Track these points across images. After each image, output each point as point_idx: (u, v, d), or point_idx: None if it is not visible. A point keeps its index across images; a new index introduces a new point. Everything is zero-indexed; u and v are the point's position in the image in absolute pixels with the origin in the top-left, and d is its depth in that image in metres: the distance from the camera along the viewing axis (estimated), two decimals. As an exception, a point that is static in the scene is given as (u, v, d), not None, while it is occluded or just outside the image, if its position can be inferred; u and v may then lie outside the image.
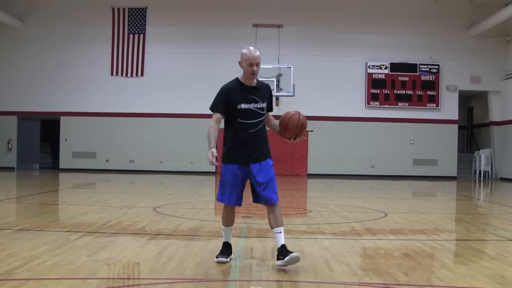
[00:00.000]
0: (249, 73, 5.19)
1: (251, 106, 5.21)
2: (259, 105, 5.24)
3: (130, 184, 18.21)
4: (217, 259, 5.39)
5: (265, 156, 5.31)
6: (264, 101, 5.28)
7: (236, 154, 5.26)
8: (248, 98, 5.21)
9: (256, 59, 5.18)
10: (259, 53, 5.24)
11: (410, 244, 6.91)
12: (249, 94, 5.22)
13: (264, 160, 5.30)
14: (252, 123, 5.23)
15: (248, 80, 5.27)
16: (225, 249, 5.47)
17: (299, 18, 24.46)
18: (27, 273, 4.82)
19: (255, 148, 5.25)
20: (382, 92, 24.51)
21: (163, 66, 24.53)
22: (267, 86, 5.43)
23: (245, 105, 5.19)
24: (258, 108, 5.24)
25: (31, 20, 24.86)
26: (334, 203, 12.33)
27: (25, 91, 24.62)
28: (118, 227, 7.75)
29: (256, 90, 5.27)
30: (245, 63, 5.18)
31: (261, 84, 5.37)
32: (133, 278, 5.02)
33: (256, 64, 5.17)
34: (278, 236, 5.21)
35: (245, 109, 5.20)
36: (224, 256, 5.40)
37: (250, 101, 5.21)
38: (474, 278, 4.98)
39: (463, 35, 24.62)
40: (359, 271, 5.29)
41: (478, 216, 10.76)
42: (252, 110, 5.21)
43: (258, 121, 5.25)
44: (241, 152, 5.24)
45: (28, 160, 25.18)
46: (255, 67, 5.17)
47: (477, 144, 26.67)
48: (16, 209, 10.25)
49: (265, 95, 5.31)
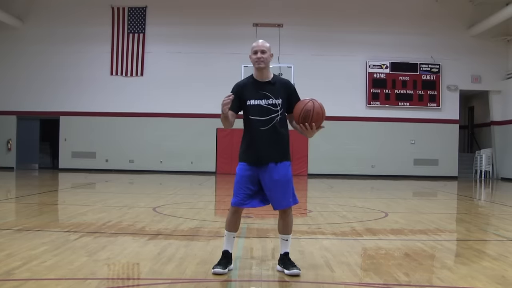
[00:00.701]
0: (254, 61, 5.01)
1: (262, 102, 4.95)
2: (272, 101, 4.96)
3: (130, 184, 18.20)
4: (214, 270, 4.98)
5: (280, 157, 4.98)
6: (279, 97, 4.97)
7: (247, 152, 5.00)
8: (259, 93, 4.97)
9: (259, 46, 5.01)
10: (267, 44, 5.05)
11: (411, 244, 6.91)
12: (261, 89, 4.98)
13: (279, 162, 4.98)
14: (263, 120, 4.94)
15: (258, 73, 5.05)
16: (224, 259, 5.06)
17: (300, 18, 24.45)
18: (27, 274, 4.82)
19: (268, 147, 4.94)
20: (383, 92, 24.51)
21: (163, 65, 24.53)
22: (286, 83, 5.13)
23: (255, 101, 4.96)
24: (270, 105, 4.96)
25: (30, 20, 24.86)
26: (334, 203, 12.33)
27: (24, 91, 24.63)
28: (117, 227, 7.75)
29: (270, 85, 5.02)
30: (251, 53, 5.04)
31: (277, 79, 5.12)
32: (132, 278, 5.01)
33: (261, 51, 4.97)
34: (283, 243, 5.11)
35: (255, 105, 4.96)
36: (221, 267, 4.98)
37: (261, 97, 4.96)
38: (475, 279, 4.98)
39: (464, 34, 24.62)
40: (360, 272, 5.29)
41: (479, 216, 10.75)
42: (263, 107, 4.95)
43: (271, 118, 4.95)
44: (251, 150, 4.97)
45: (28, 160, 25.19)
46: (259, 54, 4.97)
47: (478, 144, 26.67)
48: (16, 209, 10.25)
49: (281, 92, 5.01)
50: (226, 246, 5.10)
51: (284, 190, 4.95)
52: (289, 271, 4.93)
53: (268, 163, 4.94)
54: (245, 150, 5.02)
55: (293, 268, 4.95)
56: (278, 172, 4.94)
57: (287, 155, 5.03)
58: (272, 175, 4.93)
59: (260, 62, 4.97)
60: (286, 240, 5.08)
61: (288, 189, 4.97)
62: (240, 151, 5.08)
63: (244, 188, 4.96)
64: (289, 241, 5.09)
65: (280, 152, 4.99)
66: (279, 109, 4.96)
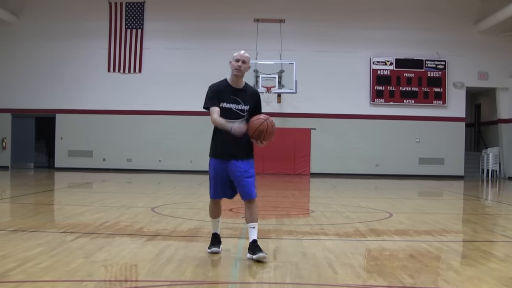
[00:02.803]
0: (234, 67, 5.68)
1: (232, 106, 5.67)
2: (241, 107, 5.70)
3: (128, 184, 18.22)
4: (210, 249, 5.94)
5: (245, 155, 5.75)
6: (247, 104, 5.71)
7: (218, 149, 5.78)
8: (231, 98, 5.66)
9: (241, 56, 5.70)
10: (247, 55, 5.77)
11: (416, 245, 6.91)
12: (233, 95, 5.67)
13: (244, 159, 5.74)
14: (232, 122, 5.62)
15: (234, 80, 5.75)
16: (215, 240, 6.03)
17: (302, 13, 24.43)
18: (22, 275, 4.83)
19: (236, 145, 5.67)
20: (387, 89, 24.49)
21: (162, 62, 24.52)
22: (255, 93, 5.93)
23: (227, 104, 5.66)
24: (239, 110, 5.69)
25: (25, 15, 24.85)
26: (337, 203, 12.34)
27: (19, 88, 24.62)
28: (115, 228, 7.76)
29: (241, 92, 5.74)
30: (234, 59, 5.71)
31: (249, 88, 5.90)
32: (130, 280, 5.02)
33: (242, 61, 5.67)
34: (251, 231, 5.71)
35: (226, 108, 5.66)
36: (216, 246, 5.96)
37: (233, 102, 5.68)
38: (482, 280, 4.98)
39: (471, 30, 24.59)
40: (364, 273, 5.29)
41: (486, 217, 10.76)
42: (232, 110, 5.67)
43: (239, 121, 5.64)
44: (222, 147, 5.74)
45: (23, 159, 25.19)
46: (240, 62, 5.66)
47: (484, 143, 26.65)
48: (10, 210, 10.26)
49: (250, 99, 5.76)
50: (214, 229, 6.11)
51: (250, 183, 5.71)
52: (256, 255, 5.51)
53: (235, 160, 5.71)
54: (215, 147, 5.81)
55: (259, 252, 5.54)
56: (242, 168, 5.71)
57: (250, 153, 5.81)
58: (242, 169, 5.70)
59: (239, 70, 5.68)
60: (253, 228, 5.72)
61: (253, 181, 5.76)
62: (211, 148, 5.87)
63: (219, 181, 5.82)
64: (256, 228, 5.73)
65: (245, 150, 5.75)
66: (246, 114, 5.72)
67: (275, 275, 5.11)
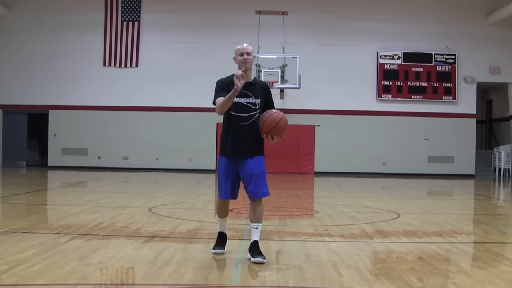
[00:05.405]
0: (240, 62, 5.72)
1: (243, 100, 5.71)
2: (251, 100, 5.73)
3: (124, 183, 18.24)
4: (214, 250, 6.02)
5: (256, 152, 5.78)
6: (258, 97, 5.76)
7: (228, 147, 5.76)
8: (241, 92, 5.65)
9: (245, 48, 5.76)
10: (251, 47, 5.83)
11: (425, 247, 6.91)
12: (243, 89, 5.62)
13: (255, 156, 5.76)
14: (244, 117, 5.72)
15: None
16: (220, 240, 6.08)
17: (305, 4, 24.41)
18: (14, 278, 4.83)
19: (246, 142, 5.72)
20: (395, 84, 24.48)
21: (159, 56, 24.53)
22: (265, 85, 5.99)
23: (237, 98, 5.66)
24: (250, 103, 5.73)
25: (17, 7, 24.84)
26: (342, 203, 12.34)
27: (10, 83, 24.63)
28: (111, 229, 7.77)
29: (251, 86, 5.76)
30: (237, 54, 5.77)
31: (258, 81, 5.97)
32: (127, 283, 5.03)
33: (247, 53, 5.73)
34: (253, 231, 5.76)
35: (237, 102, 5.68)
36: (221, 247, 6.02)
37: (243, 96, 5.69)
38: (493, 284, 4.98)
39: (482, 22, 24.54)
40: (370, 276, 5.29)
41: (498, 217, 10.75)
42: (243, 104, 5.71)
43: (250, 115, 5.73)
44: (232, 145, 5.74)
45: (14, 157, 25.21)
46: (245, 55, 5.72)
47: (496, 140, 26.64)
48: (1, 210, 10.27)
49: (260, 92, 5.80)
50: (220, 228, 6.12)
51: (259, 182, 5.72)
52: (254, 259, 5.58)
53: (245, 157, 5.73)
54: (225, 144, 5.80)
55: (258, 256, 5.59)
56: (253, 165, 5.73)
57: (261, 150, 5.85)
58: (248, 168, 5.71)
59: (247, 62, 5.73)
60: (256, 228, 5.76)
61: (262, 181, 5.75)
62: (221, 145, 5.88)
63: (228, 181, 5.79)
64: (259, 229, 5.78)
65: (256, 147, 5.79)
66: (258, 108, 5.77)
67: (277, 278, 5.12)
